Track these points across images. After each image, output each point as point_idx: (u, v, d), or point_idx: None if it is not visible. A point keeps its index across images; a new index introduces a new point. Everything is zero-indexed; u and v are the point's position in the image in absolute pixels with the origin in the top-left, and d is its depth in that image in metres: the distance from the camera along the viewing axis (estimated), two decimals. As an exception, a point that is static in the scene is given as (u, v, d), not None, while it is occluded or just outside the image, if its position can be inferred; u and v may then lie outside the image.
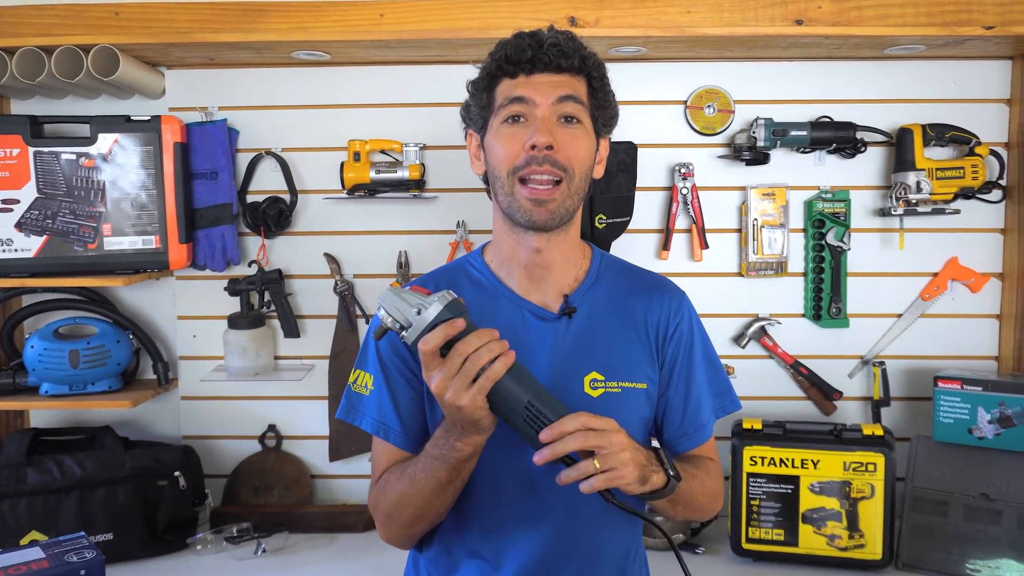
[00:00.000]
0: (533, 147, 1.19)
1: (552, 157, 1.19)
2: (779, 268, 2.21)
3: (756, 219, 2.19)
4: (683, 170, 2.18)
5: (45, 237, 2.06)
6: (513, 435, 1.12)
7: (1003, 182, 2.17)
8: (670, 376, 1.32)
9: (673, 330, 1.32)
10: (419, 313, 1.06)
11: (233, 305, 2.22)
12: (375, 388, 1.29)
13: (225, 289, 2.21)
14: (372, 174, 2.17)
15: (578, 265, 1.33)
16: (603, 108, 1.27)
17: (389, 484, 1.26)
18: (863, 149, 2.16)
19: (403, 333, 1.08)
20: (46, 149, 2.05)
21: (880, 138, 2.17)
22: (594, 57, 1.26)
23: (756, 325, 2.22)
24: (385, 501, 1.27)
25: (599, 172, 1.32)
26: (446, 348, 1.06)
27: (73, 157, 2.06)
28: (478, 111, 1.28)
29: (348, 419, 1.32)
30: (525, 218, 1.22)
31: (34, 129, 2.06)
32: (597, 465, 1.07)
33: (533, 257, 1.27)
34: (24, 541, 1.94)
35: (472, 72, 1.30)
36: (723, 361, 1.44)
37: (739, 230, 2.23)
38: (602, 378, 1.26)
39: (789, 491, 1.97)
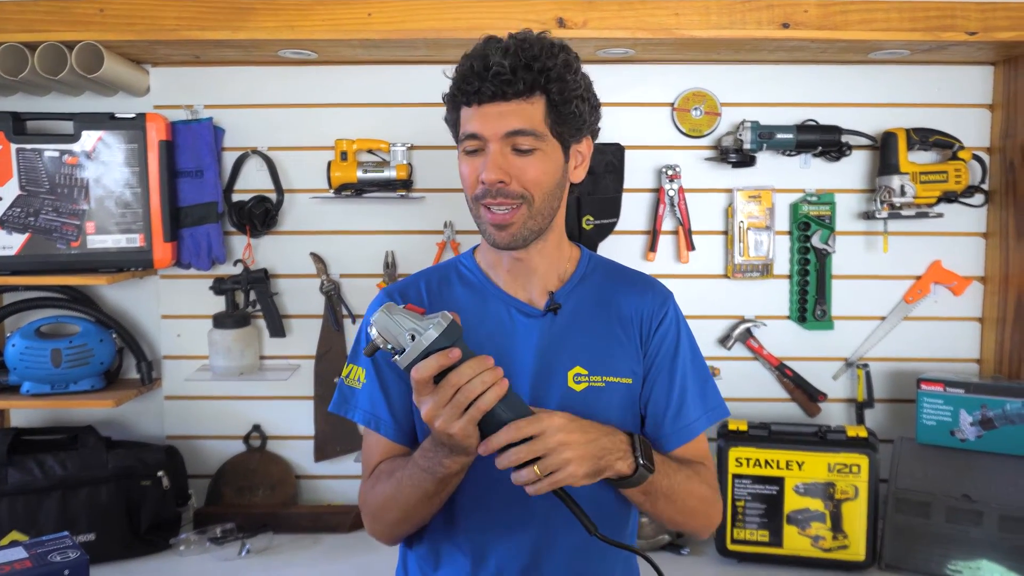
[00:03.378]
0: (483, 182, 1.19)
1: (505, 190, 1.19)
2: (765, 270, 2.22)
3: (742, 221, 2.20)
4: (670, 172, 2.19)
5: (27, 235, 2.04)
6: None
7: (985, 186, 2.20)
8: (651, 370, 1.32)
9: (657, 326, 1.32)
10: (413, 339, 1.05)
11: (218, 304, 2.21)
12: (367, 382, 1.30)
13: (210, 288, 2.20)
14: (359, 174, 2.17)
15: (563, 266, 1.34)
16: (566, 122, 1.22)
17: (378, 483, 1.26)
18: (848, 152, 2.18)
19: (396, 357, 1.06)
20: (29, 146, 2.03)
21: (865, 142, 2.19)
22: (553, 69, 1.18)
23: (741, 327, 2.23)
24: (372, 500, 1.27)
25: (579, 176, 1.30)
26: (440, 375, 1.05)
27: (56, 154, 2.04)
28: (451, 129, 1.28)
29: (340, 412, 1.32)
30: (491, 241, 1.24)
31: (17, 126, 2.04)
32: (537, 471, 1.07)
33: (515, 264, 1.30)
34: (4, 541, 1.92)
35: (450, 69, 1.27)
36: (709, 363, 1.43)
37: (725, 232, 2.24)
38: (585, 372, 1.27)
39: (774, 492, 1.98)
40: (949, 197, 2.16)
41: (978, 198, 2.19)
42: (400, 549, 1.40)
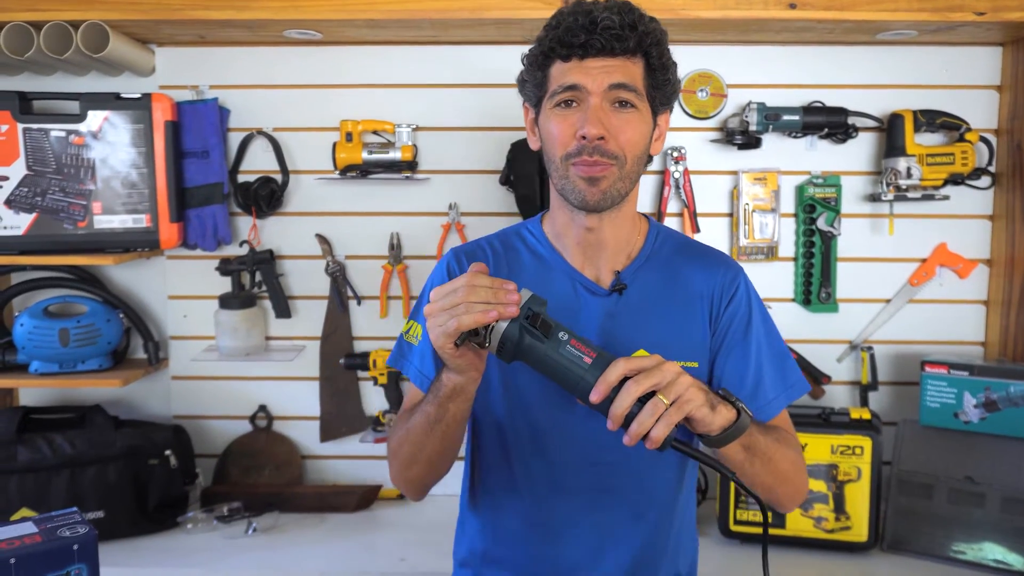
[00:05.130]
0: (584, 137, 1.18)
1: (603, 147, 1.19)
2: (770, 253, 2.22)
3: (747, 203, 2.20)
4: (675, 154, 2.19)
5: (35, 215, 2.05)
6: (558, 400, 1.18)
7: (992, 168, 2.19)
8: (723, 346, 1.30)
9: (728, 302, 1.31)
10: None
11: (224, 285, 2.21)
12: (423, 338, 1.31)
13: (216, 269, 2.20)
14: (364, 155, 2.17)
15: (632, 242, 1.33)
16: (661, 87, 1.24)
17: (400, 422, 1.28)
18: (854, 134, 2.17)
19: (487, 342, 1.05)
20: (35, 126, 2.04)
21: (871, 123, 2.18)
22: (654, 33, 1.21)
23: (746, 309, 2.23)
24: (393, 439, 1.29)
25: (657, 148, 1.30)
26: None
27: (63, 134, 2.05)
28: (532, 88, 1.27)
29: (397, 366, 1.35)
30: (578, 199, 1.22)
31: (23, 105, 2.04)
32: (665, 400, 1.00)
33: (586, 235, 1.28)
34: (15, 518, 1.94)
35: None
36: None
37: (730, 214, 2.24)
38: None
39: (777, 473, 1.99)
40: (956, 179, 2.15)
41: (985, 180, 2.18)
42: (459, 519, 1.44)
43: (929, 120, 2.12)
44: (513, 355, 1.06)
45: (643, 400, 1.01)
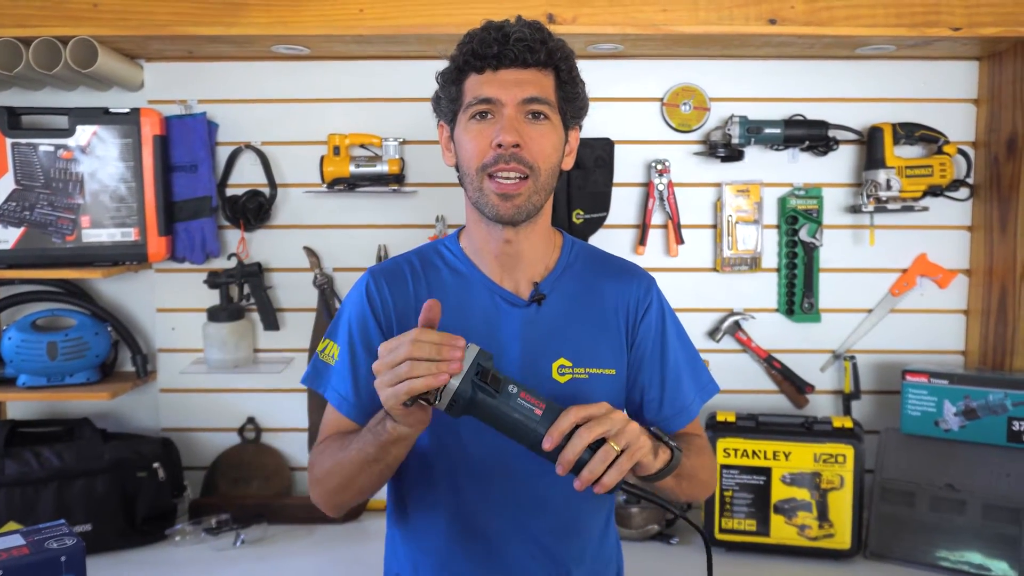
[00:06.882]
0: (500, 145, 1.20)
1: (519, 155, 1.21)
2: (753, 264, 2.25)
3: (731, 215, 2.22)
4: (659, 166, 2.21)
5: (23, 229, 2.06)
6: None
7: (970, 180, 2.22)
8: (642, 359, 1.34)
9: (643, 313, 1.35)
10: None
11: (212, 298, 2.22)
12: (340, 359, 1.31)
13: (204, 282, 2.21)
14: (352, 168, 2.18)
15: (548, 254, 1.35)
16: (571, 100, 1.28)
17: (329, 448, 1.26)
18: (835, 147, 2.20)
19: (436, 401, 1.04)
20: (24, 141, 2.05)
21: (851, 136, 2.21)
22: (562, 49, 1.25)
23: (730, 320, 2.25)
24: (319, 464, 1.27)
25: (568, 164, 1.33)
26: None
27: (51, 149, 2.06)
28: (447, 104, 1.29)
29: (312, 386, 1.33)
30: (493, 212, 1.24)
31: (12, 120, 2.05)
32: (616, 447, 1.04)
33: (504, 247, 1.29)
34: (2, 531, 1.94)
35: (442, 64, 1.30)
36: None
37: (714, 226, 2.27)
38: (570, 364, 1.29)
39: (761, 482, 2.01)
40: (934, 191, 2.19)
41: (963, 192, 2.22)
42: (387, 530, 1.43)
43: (908, 133, 2.16)
44: (463, 410, 1.06)
45: (592, 447, 1.04)
